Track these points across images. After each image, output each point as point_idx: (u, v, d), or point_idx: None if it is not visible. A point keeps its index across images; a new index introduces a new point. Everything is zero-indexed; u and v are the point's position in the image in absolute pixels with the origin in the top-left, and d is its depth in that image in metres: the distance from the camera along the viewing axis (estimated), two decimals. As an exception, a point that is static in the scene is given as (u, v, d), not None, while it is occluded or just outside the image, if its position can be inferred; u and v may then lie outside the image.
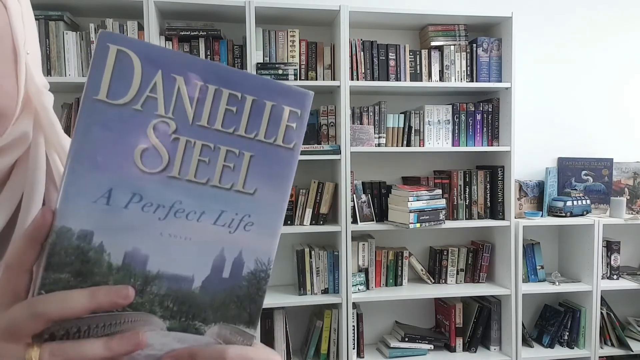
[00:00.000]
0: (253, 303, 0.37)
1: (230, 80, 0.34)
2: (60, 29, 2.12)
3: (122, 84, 0.32)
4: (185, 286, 0.35)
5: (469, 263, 2.58)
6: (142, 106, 0.33)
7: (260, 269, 0.36)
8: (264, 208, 0.36)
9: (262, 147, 0.35)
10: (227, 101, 0.34)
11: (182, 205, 0.34)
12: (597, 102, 2.85)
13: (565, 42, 2.80)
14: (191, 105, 0.33)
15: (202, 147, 0.34)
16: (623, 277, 2.67)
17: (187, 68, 0.33)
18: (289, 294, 2.38)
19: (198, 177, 0.34)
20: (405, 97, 2.62)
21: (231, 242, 0.35)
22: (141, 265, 0.34)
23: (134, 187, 0.33)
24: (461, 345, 2.54)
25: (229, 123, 0.34)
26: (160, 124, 0.33)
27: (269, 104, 0.35)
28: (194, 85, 0.33)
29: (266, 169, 0.35)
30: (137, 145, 0.33)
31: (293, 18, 2.38)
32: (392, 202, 2.41)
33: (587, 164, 2.76)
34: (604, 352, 2.58)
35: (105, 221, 0.33)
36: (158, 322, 0.35)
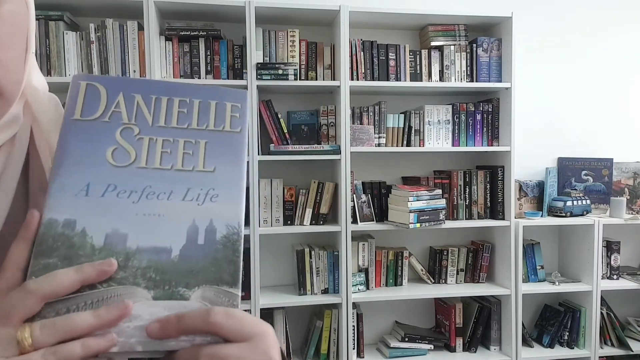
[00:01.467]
0: (231, 264, 0.40)
1: (180, 91, 0.43)
2: (60, 29, 2.12)
3: (92, 106, 0.41)
4: (164, 257, 0.39)
5: (469, 263, 2.58)
6: (109, 118, 0.41)
7: (232, 232, 0.41)
8: (225, 180, 0.42)
9: (213, 134, 0.43)
10: (178, 105, 0.43)
11: (152, 189, 0.40)
12: (597, 102, 2.85)
13: (565, 42, 2.80)
14: (149, 112, 0.42)
15: (163, 142, 0.42)
16: (623, 277, 2.67)
17: (143, 88, 0.43)
18: (289, 294, 2.38)
19: (163, 164, 0.41)
20: (405, 97, 2.62)
21: (201, 213, 0.40)
22: (121, 243, 0.38)
23: (108, 179, 0.40)
24: (461, 345, 2.54)
25: (183, 121, 0.43)
26: (126, 129, 0.41)
27: (213, 103, 0.44)
28: (149, 98, 0.43)
29: (220, 149, 0.43)
30: (108, 147, 0.41)
31: (293, 18, 2.38)
32: (392, 202, 2.41)
33: (587, 164, 2.76)
34: (604, 352, 2.58)
35: (85, 209, 0.38)
36: (143, 293, 0.38)
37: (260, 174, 2.27)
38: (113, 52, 2.15)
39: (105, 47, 2.15)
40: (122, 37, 2.16)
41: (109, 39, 2.15)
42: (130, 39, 2.16)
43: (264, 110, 2.32)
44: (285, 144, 2.34)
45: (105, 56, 2.15)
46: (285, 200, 2.34)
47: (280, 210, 2.33)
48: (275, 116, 2.34)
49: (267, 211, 2.31)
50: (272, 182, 2.32)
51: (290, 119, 2.44)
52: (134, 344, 0.36)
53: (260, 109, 2.31)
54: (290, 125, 2.43)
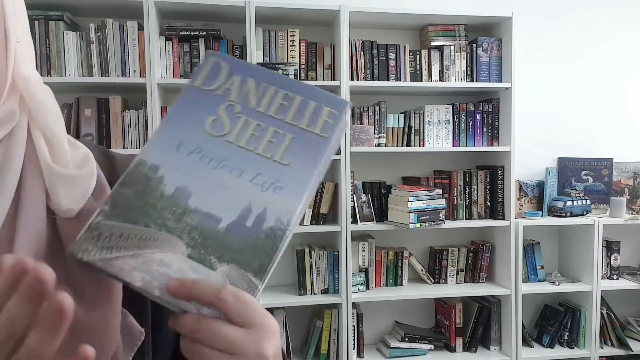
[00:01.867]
0: (265, 255, 0.41)
1: (287, 85, 0.47)
2: (60, 29, 2.12)
3: (213, 79, 0.46)
4: (213, 224, 0.42)
5: (469, 263, 2.58)
6: (221, 93, 0.46)
7: (279, 227, 0.42)
8: (294, 177, 0.44)
9: (302, 132, 0.45)
10: (281, 98, 0.46)
11: (229, 162, 0.44)
12: (597, 102, 2.85)
13: (565, 42, 2.80)
14: (256, 97, 0.46)
15: (256, 125, 0.45)
16: (623, 277, 2.67)
17: (259, 75, 0.47)
18: (289, 294, 2.38)
19: (248, 145, 0.44)
20: (405, 97, 2.62)
21: (260, 198, 0.43)
22: (185, 199, 0.42)
23: (198, 143, 0.44)
24: (461, 345, 2.54)
25: (280, 112, 0.46)
26: (230, 106, 0.46)
27: (312, 103, 0.46)
28: (260, 85, 0.47)
29: (302, 148, 0.45)
30: (210, 116, 0.45)
31: (293, 18, 2.38)
32: (392, 202, 2.41)
33: (587, 164, 2.76)
34: (604, 352, 2.58)
35: (171, 161, 0.43)
36: (182, 248, 0.41)
37: (260, 174, 2.27)
38: (113, 52, 2.15)
39: (105, 47, 2.15)
40: (122, 37, 2.16)
41: (109, 39, 2.15)
42: (130, 39, 2.16)
43: (264, 110, 2.31)
44: (285, 144, 2.34)
45: (105, 56, 2.15)
46: (285, 200, 2.34)
47: (280, 210, 2.33)
48: (275, 116, 2.33)
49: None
50: (272, 182, 2.32)
51: (290, 119, 2.44)
52: (154, 287, 0.39)
53: (260, 109, 2.31)
54: (290, 125, 2.42)
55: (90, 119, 2.19)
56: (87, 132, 2.18)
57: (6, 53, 0.41)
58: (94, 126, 2.19)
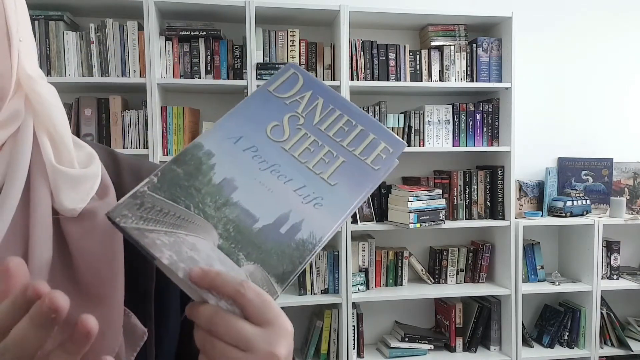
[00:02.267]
0: (291, 264, 0.43)
1: (353, 112, 0.49)
2: (60, 29, 2.12)
3: (286, 88, 0.48)
4: (249, 222, 0.43)
5: (469, 263, 2.58)
6: (290, 103, 0.48)
7: (310, 240, 0.43)
8: (336, 198, 0.45)
9: (354, 159, 0.47)
10: (344, 122, 0.49)
11: (279, 168, 0.45)
12: (597, 102, 2.85)
13: (565, 42, 2.80)
14: (320, 115, 0.48)
15: (313, 141, 0.47)
16: (623, 277, 2.67)
17: (329, 97, 0.49)
18: (289, 294, 2.38)
19: (301, 157, 0.46)
20: (405, 97, 2.62)
21: (299, 209, 0.44)
22: (229, 191, 0.43)
23: (255, 142, 0.46)
24: (461, 345, 2.54)
25: (339, 135, 0.48)
26: (294, 117, 0.48)
27: (371, 135, 0.49)
28: (327, 105, 0.49)
29: (351, 174, 0.46)
30: (273, 121, 0.47)
31: (293, 18, 2.38)
32: (392, 202, 2.41)
33: (587, 164, 2.76)
34: (604, 352, 2.58)
35: (226, 152, 0.45)
36: (214, 236, 0.41)
37: (260, 174, 2.27)
38: (113, 52, 2.15)
39: (105, 47, 2.15)
40: (122, 37, 2.16)
41: (109, 39, 2.15)
42: (130, 39, 2.16)
43: (264, 110, 2.31)
44: (285, 144, 2.34)
45: (105, 56, 2.15)
46: (285, 200, 2.34)
47: (280, 210, 2.33)
48: (275, 116, 2.33)
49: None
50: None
51: (290, 119, 2.44)
52: (179, 268, 0.39)
53: (260, 109, 2.30)
54: (290, 125, 2.42)
55: (90, 119, 2.19)
56: (87, 132, 2.18)
57: (9, 52, 0.41)
58: (94, 126, 2.19)
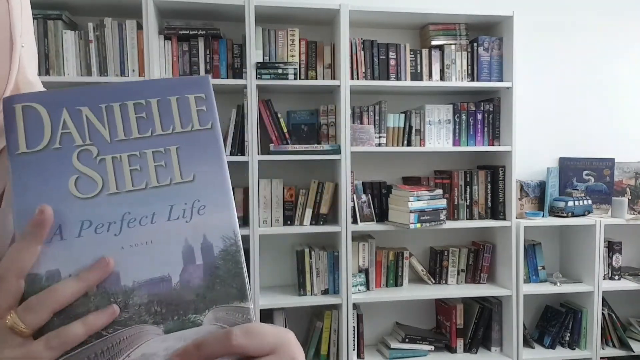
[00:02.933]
0: (236, 277, 0.38)
1: (130, 92, 0.38)
2: (58, 28, 2.11)
3: (36, 132, 0.36)
4: (165, 287, 0.36)
5: (470, 263, 2.57)
6: (60, 143, 0.36)
7: (229, 243, 0.38)
8: (209, 188, 0.38)
9: (183, 137, 0.38)
10: (134, 110, 0.38)
11: (131, 215, 0.36)
12: (599, 101, 2.83)
13: (567, 41, 2.79)
14: (104, 126, 0.37)
15: (129, 158, 0.37)
16: (624, 278, 2.66)
17: (88, 97, 0.37)
18: (289, 295, 2.37)
19: (135, 184, 0.37)
20: (406, 96, 2.61)
21: (191, 230, 0.37)
22: (115, 283, 0.35)
23: (79, 216, 0.36)
24: (462, 346, 2.53)
25: (145, 128, 0.38)
26: (82, 153, 0.36)
27: (173, 99, 0.39)
28: (98, 109, 0.37)
29: (195, 154, 0.38)
30: (69, 178, 0.36)
31: (293, 17, 2.37)
32: (392, 202, 2.40)
33: (589, 164, 2.75)
34: (605, 353, 2.57)
35: (65, 255, 0.35)
36: (153, 329, 0.36)
37: (260, 174, 2.26)
38: (112, 51, 2.14)
39: (104, 47, 2.14)
40: (121, 36, 2.15)
41: (108, 38, 2.14)
42: (129, 38, 2.15)
43: (263, 109, 2.31)
44: (285, 143, 2.33)
45: (104, 55, 2.14)
46: (285, 201, 2.33)
47: (280, 211, 2.32)
48: (275, 116, 2.33)
49: (266, 211, 2.30)
50: (271, 182, 2.31)
51: (290, 118, 2.43)
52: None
53: (260, 109, 2.30)
54: (290, 125, 2.42)
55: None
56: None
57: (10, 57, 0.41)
58: (92, 126, 2.18)
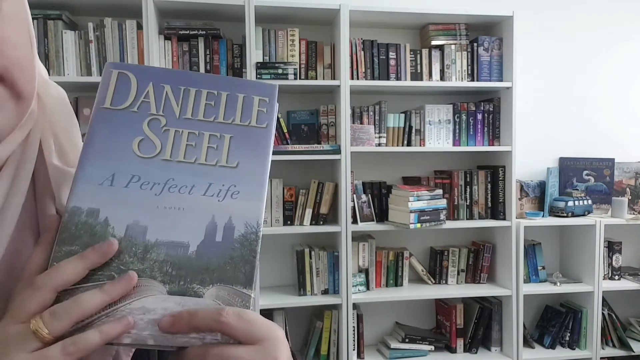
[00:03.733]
0: (247, 264, 0.40)
1: (208, 82, 0.43)
2: (58, 28, 2.11)
3: (122, 95, 0.41)
4: (182, 252, 0.39)
5: (470, 263, 2.57)
6: (138, 108, 0.41)
7: (250, 231, 0.41)
8: (247, 178, 0.42)
9: (239, 129, 0.43)
10: (206, 97, 0.43)
11: (174, 182, 0.40)
12: (599, 101, 2.83)
13: (567, 41, 2.78)
14: (177, 104, 0.42)
15: (188, 135, 0.42)
16: (624, 278, 2.66)
17: (173, 78, 0.43)
18: (289, 295, 2.37)
19: (187, 157, 0.41)
20: (406, 96, 2.61)
21: (221, 209, 0.40)
22: (141, 235, 0.39)
23: (132, 170, 0.40)
24: (462, 346, 2.53)
25: (210, 113, 0.42)
26: (153, 120, 0.41)
27: (240, 96, 0.43)
28: (178, 89, 0.42)
29: (245, 145, 0.42)
30: (135, 137, 0.41)
31: (293, 17, 2.37)
32: (392, 202, 2.40)
33: (589, 164, 2.75)
34: (605, 353, 2.57)
35: (109, 199, 0.39)
36: (159, 287, 0.38)
37: (260, 174, 2.25)
38: (112, 51, 2.14)
39: (104, 47, 2.14)
40: (121, 37, 2.15)
41: (108, 38, 2.14)
42: (129, 38, 2.15)
43: (263, 109, 2.30)
44: (285, 143, 2.33)
45: (104, 55, 2.14)
46: (285, 200, 2.33)
47: (280, 211, 2.32)
48: (275, 116, 2.32)
49: (266, 211, 2.30)
50: (271, 182, 2.31)
51: (290, 118, 2.43)
52: (146, 337, 0.37)
53: (260, 109, 2.29)
54: (290, 125, 2.42)
55: (89, 119, 2.18)
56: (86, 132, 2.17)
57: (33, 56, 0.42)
58: (92, 126, 2.18)
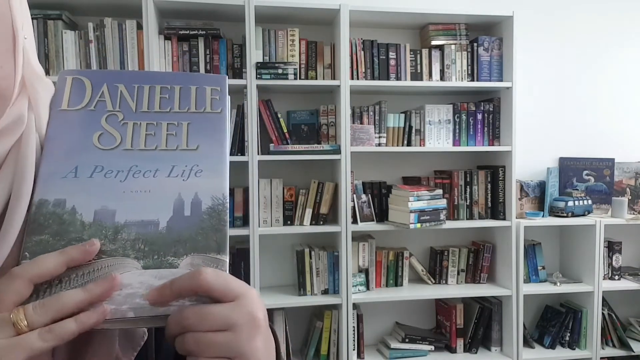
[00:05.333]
0: (218, 232, 0.42)
1: (159, 79, 0.46)
2: (58, 28, 2.11)
3: (78, 97, 0.44)
4: (152, 229, 0.41)
5: (470, 263, 2.57)
6: (95, 107, 0.44)
7: (217, 203, 0.43)
8: (209, 157, 0.44)
9: (195, 116, 0.45)
10: (160, 92, 0.45)
11: (138, 168, 0.42)
12: (599, 101, 2.83)
13: (567, 41, 2.79)
14: (132, 100, 0.45)
15: (147, 125, 0.44)
16: (624, 278, 2.66)
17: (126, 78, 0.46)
18: (289, 295, 2.37)
19: (147, 145, 0.43)
20: (406, 96, 2.61)
21: (186, 187, 0.43)
22: (110, 218, 0.40)
23: (95, 162, 0.42)
24: (462, 346, 2.53)
25: (165, 105, 0.45)
26: (110, 116, 0.44)
27: (193, 87, 0.46)
28: (132, 87, 0.45)
29: (203, 129, 0.45)
30: (94, 132, 0.43)
31: (293, 17, 2.37)
32: (392, 202, 2.40)
33: (589, 163, 2.75)
34: (605, 353, 2.57)
35: (74, 189, 0.41)
36: (133, 263, 0.40)
37: (260, 174, 2.26)
38: (112, 51, 2.14)
39: (104, 46, 2.14)
40: (121, 36, 2.15)
41: (108, 38, 2.14)
42: (129, 38, 2.15)
43: (263, 109, 2.31)
44: (285, 143, 2.33)
45: (104, 55, 2.14)
46: (285, 200, 2.33)
47: (280, 211, 2.32)
48: (275, 116, 2.33)
49: (266, 211, 2.30)
50: (271, 182, 2.31)
51: (290, 118, 2.43)
52: (125, 310, 0.38)
53: (260, 109, 2.30)
54: (290, 125, 2.41)
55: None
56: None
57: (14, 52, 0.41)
58: (92, 126, 2.18)
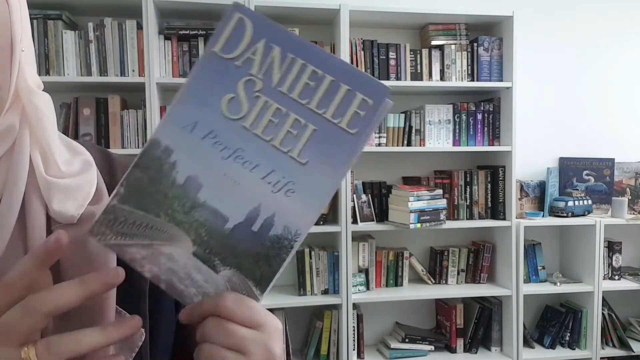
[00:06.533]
0: (268, 265, 0.40)
1: (318, 59, 0.39)
2: (58, 28, 2.11)
3: (233, 42, 0.39)
4: (219, 223, 0.40)
5: (470, 263, 2.57)
6: (242, 63, 0.39)
7: (285, 236, 0.39)
8: (310, 180, 0.39)
9: (326, 124, 0.39)
10: (309, 76, 0.39)
11: (243, 153, 0.39)
12: (599, 101, 2.83)
13: (567, 41, 2.78)
14: (280, 71, 0.39)
15: (276, 109, 0.39)
16: (624, 278, 2.66)
17: (286, 41, 0.39)
18: (289, 295, 2.37)
19: (264, 134, 0.39)
20: (406, 96, 2.61)
21: (270, 200, 0.39)
22: (195, 190, 0.40)
23: (212, 126, 0.40)
24: (462, 346, 2.53)
25: (305, 95, 0.39)
26: (249, 82, 0.39)
27: (344, 87, 0.38)
28: (285, 56, 0.39)
29: (323, 145, 0.39)
30: (227, 94, 0.40)
31: (293, 17, 2.37)
32: (392, 202, 2.40)
33: (589, 164, 2.75)
34: (605, 353, 2.57)
35: (184, 145, 0.40)
36: (189, 244, 0.40)
37: (260, 174, 2.25)
38: (112, 51, 2.14)
39: (104, 47, 2.14)
40: (121, 37, 2.15)
41: (108, 38, 2.14)
42: (129, 38, 2.15)
43: (263, 109, 2.30)
44: (285, 143, 2.32)
45: (104, 55, 2.14)
46: (285, 201, 2.33)
47: (280, 211, 2.32)
48: (275, 116, 2.32)
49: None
50: (271, 182, 2.31)
51: (290, 118, 2.43)
52: (160, 281, 0.40)
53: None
54: (290, 125, 2.41)
55: (89, 119, 2.18)
56: (85, 132, 2.17)
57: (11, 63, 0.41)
58: (92, 126, 2.18)
